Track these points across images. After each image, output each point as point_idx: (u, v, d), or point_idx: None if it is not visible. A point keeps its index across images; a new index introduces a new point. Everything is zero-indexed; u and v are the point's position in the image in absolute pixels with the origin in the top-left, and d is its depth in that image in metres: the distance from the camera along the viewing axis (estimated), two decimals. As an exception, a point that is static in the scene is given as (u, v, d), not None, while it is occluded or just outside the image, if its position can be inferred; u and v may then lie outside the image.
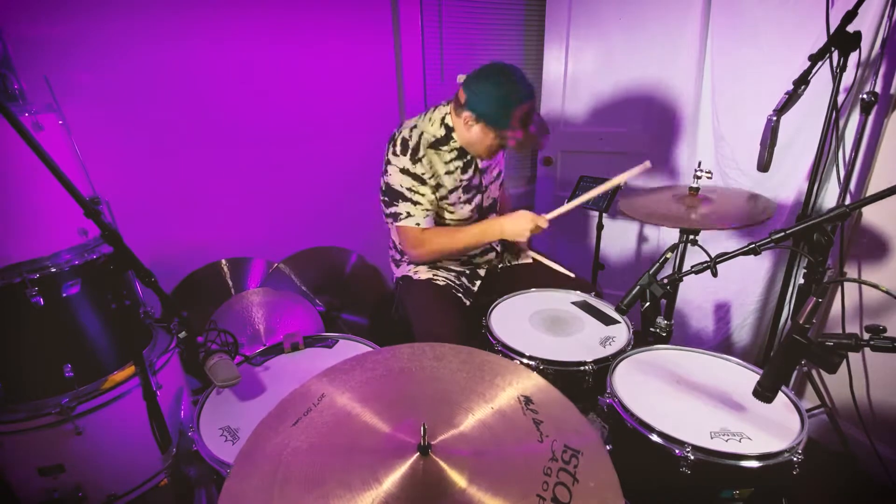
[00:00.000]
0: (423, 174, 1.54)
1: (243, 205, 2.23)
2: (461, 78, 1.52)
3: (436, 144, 1.56)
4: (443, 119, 1.56)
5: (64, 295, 1.32)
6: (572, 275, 1.71)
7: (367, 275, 2.47)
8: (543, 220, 1.57)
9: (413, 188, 1.55)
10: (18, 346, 1.32)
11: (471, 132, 1.51)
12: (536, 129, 1.48)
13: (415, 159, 1.52)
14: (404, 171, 1.53)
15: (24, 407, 1.32)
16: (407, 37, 2.40)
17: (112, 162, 1.86)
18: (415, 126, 1.57)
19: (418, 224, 1.57)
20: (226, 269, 2.16)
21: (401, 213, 1.57)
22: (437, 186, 1.59)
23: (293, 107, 2.23)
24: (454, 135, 1.56)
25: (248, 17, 2.03)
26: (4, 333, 1.30)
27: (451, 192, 1.61)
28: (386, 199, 1.59)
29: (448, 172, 1.59)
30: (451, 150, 1.58)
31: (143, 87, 1.89)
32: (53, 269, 1.31)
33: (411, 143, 1.53)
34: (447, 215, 1.67)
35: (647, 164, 1.50)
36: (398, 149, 1.53)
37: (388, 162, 1.55)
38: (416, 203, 1.56)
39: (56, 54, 1.71)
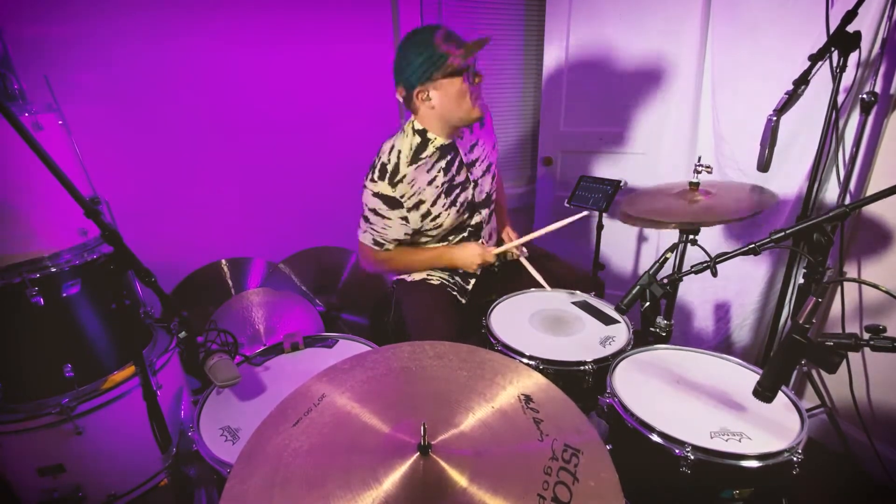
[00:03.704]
0: (400, 197, 1.53)
1: (243, 205, 2.23)
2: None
3: (416, 155, 1.54)
4: (413, 126, 1.56)
5: (64, 295, 1.32)
6: (548, 288, 1.67)
7: (367, 275, 2.47)
8: (490, 255, 1.63)
9: (377, 210, 1.56)
10: (18, 346, 1.32)
11: (435, 103, 1.47)
12: (468, 40, 1.44)
13: (394, 182, 1.52)
14: (377, 194, 1.54)
15: (24, 407, 1.31)
16: (407, 37, 2.40)
17: (112, 162, 1.86)
18: (393, 146, 1.56)
19: (364, 242, 1.65)
20: (226, 269, 2.16)
21: (360, 228, 1.64)
22: (418, 204, 1.57)
23: (293, 106, 2.23)
24: (430, 134, 1.55)
25: (248, 17, 2.03)
26: (4, 333, 1.30)
27: (433, 204, 1.58)
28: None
29: (431, 182, 1.57)
30: (433, 154, 1.56)
31: (144, 86, 1.89)
32: (53, 269, 1.30)
33: (390, 167, 1.52)
34: (433, 232, 1.65)
35: (585, 213, 1.66)
36: (376, 175, 1.53)
37: (365, 186, 1.57)
38: (369, 222, 1.60)
39: (56, 54, 1.70)
